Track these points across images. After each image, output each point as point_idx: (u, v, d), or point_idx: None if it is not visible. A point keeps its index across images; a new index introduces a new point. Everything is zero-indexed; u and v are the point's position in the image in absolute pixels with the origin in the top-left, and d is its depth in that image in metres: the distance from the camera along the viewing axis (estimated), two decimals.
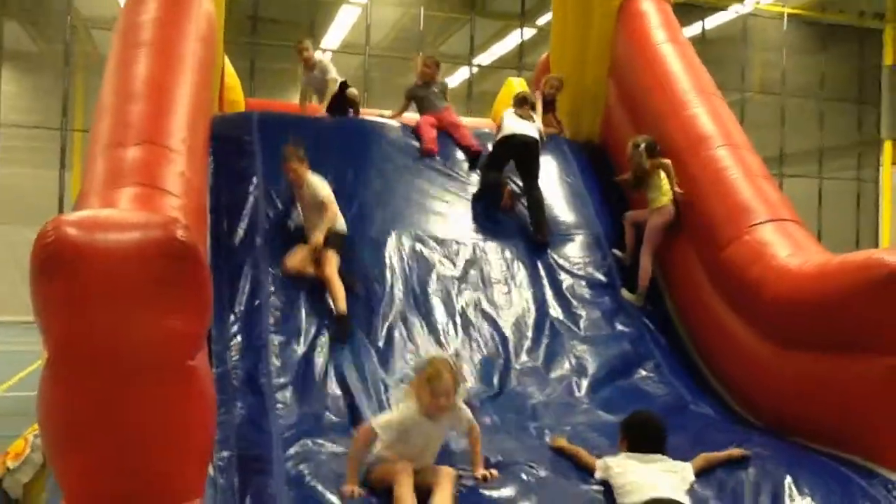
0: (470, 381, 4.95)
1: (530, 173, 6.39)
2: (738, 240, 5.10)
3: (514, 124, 6.40)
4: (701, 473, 3.79)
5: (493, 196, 6.40)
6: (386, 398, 4.61)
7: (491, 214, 6.32)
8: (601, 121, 7.23)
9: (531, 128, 6.45)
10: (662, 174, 5.88)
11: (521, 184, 6.50)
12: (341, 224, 5.50)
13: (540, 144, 6.44)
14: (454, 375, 3.64)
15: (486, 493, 3.62)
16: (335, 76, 7.23)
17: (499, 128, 6.56)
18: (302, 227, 5.57)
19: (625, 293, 5.96)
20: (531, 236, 6.19)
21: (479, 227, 6.19)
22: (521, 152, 6.38)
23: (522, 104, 6.64)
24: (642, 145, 5.98)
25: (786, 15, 19.56)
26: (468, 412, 3.83)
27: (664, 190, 5.87)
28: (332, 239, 5.34)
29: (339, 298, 5.08)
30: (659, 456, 3.76)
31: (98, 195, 3.94)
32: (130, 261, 2.93)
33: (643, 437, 3.84)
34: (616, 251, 6.22)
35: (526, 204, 6.38)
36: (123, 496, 2.99)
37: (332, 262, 5.25)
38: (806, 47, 20.04)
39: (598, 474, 3.79)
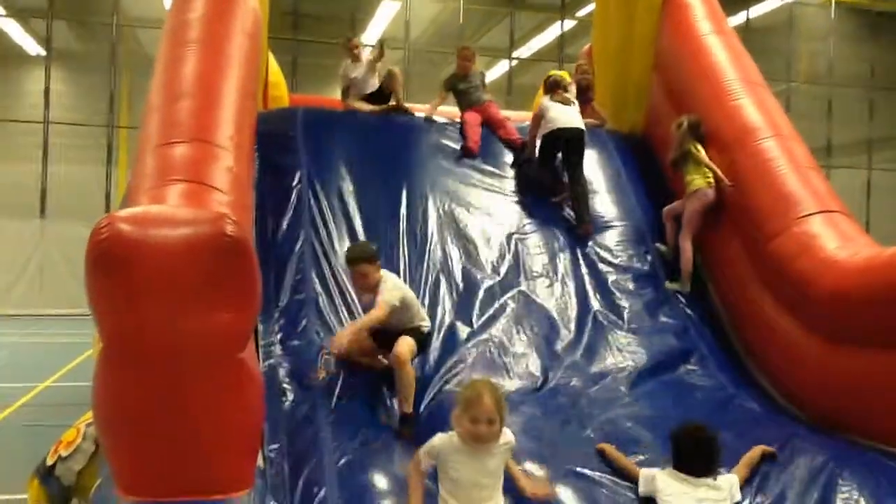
0: (514, 374, 4.97)
1: (575, 165, 6.36)
2: (786, 231, 5.04)
3: (560, 116, 6.32)
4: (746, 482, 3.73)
5: (544, 190, 6.41)
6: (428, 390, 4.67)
7: (531, 208, 6.31)
8: (645, 114, 7.18)
9: (575, 115, 6.41)
10: (697, 152, 5.89)
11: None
12: (425, 322, 4.70)
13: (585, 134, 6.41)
14: (497, 399, 3.23)
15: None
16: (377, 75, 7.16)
17: (539, 117, 6.50)
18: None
19: (668, 284, 5.92)
20: (573, 228, 6.18)
21: (520, 220, 6.19)
22: (568, 145, 6.35)
23: (555, 88, 6.56)
24: (685, 123, 5.98)
25: (833, 3, 19.15)
26: (511, 438, 3.42)
27: (701, 172, 5.86)
28: (411, 332, 4.51)
29: (407, 393, 4.28)
30: (708, 480, 3.57)
31: (147, 192, 4.03)
32: (182, 256, 3.00)
33: (694, 456, 3.62)
34: (659, 245, 6.18)
35: (569, 196, 6.35)
36: (176, 485, 3.07)
37: (407, 343, 4.38)
38: (855, 36, 19.61)
39: (641, 489, 3.67)
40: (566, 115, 6.33)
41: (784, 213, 5.15)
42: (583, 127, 6.38)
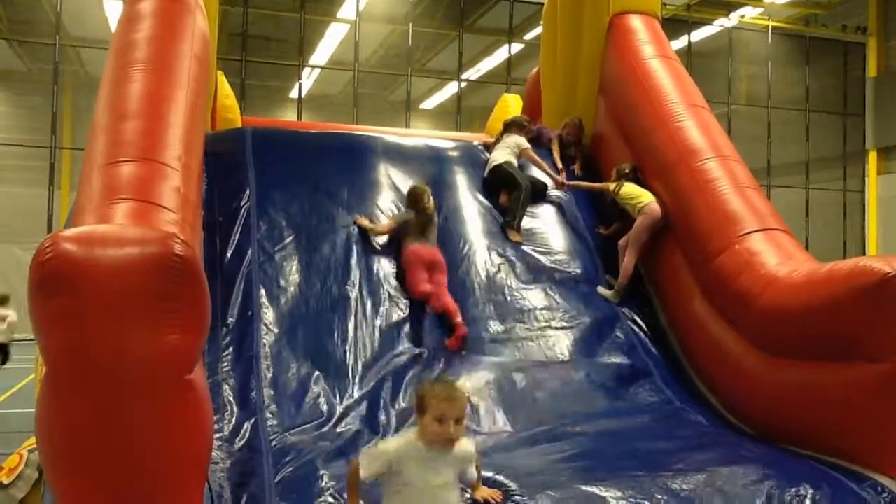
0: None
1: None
2: (728, 249, 5.16)
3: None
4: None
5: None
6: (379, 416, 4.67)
7: (481, 231, 6.36)
8: (591, 135, 7.31)
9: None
10: (630, 184, 6.15)
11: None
12: None
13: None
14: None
15: None
16: None
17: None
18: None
19: (601, 290, 6.04)
20: (522, 248, 6.24)
21: (470, 240, 6.23)
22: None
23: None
24: (627, 169, 6.32)
25: (770, 28, 19.80)
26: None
27: (643, 192, 6.09)
28: None
29: None
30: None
31: (93, 211, 3.96)
32: (129, 276, 2.95)
33: None
34: (608, 277, 6.24)
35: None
36: None
37: None
38: (791, 60, 20.29)
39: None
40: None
41: (726, 232, 5.27)
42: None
